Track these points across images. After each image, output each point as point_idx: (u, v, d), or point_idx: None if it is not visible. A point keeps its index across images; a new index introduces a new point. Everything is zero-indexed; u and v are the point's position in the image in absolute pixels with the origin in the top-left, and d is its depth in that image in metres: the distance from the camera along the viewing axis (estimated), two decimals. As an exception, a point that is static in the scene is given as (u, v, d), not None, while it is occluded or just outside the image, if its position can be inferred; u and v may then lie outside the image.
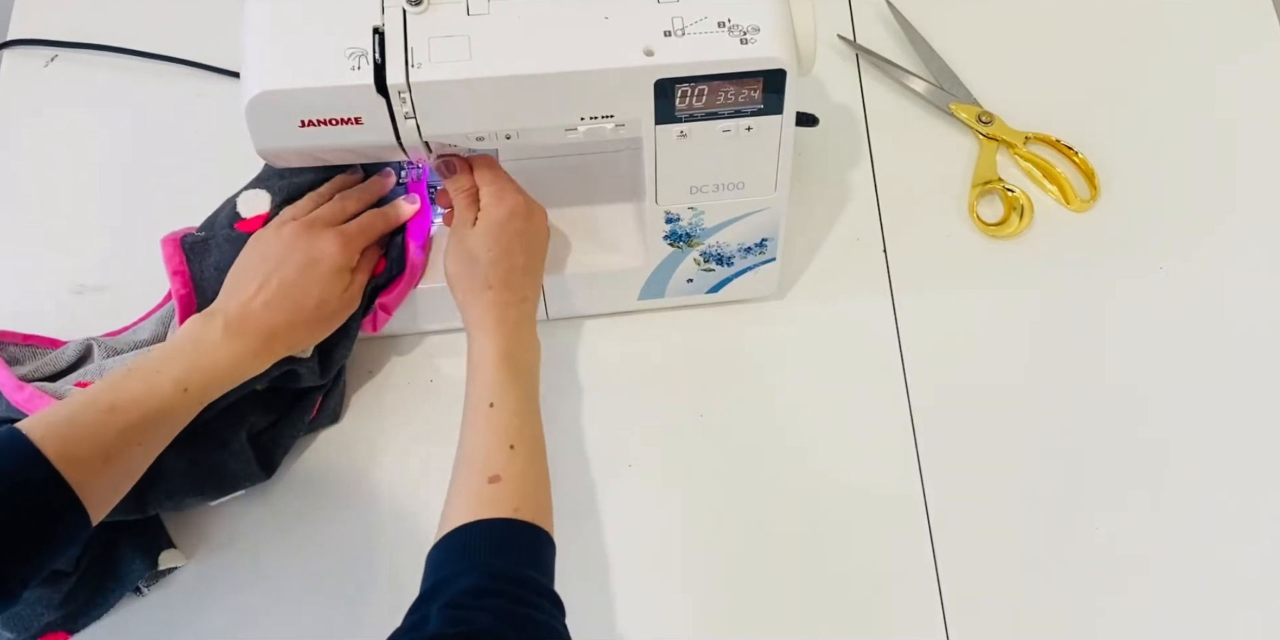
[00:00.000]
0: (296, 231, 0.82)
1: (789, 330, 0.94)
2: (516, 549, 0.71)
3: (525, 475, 0.74)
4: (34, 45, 1.06)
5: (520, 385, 0.78)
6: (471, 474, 0.74)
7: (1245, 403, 0.91)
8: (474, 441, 0.75)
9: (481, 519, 0.71)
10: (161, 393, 0.74)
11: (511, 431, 0.76)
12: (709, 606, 0.85)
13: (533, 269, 0.83)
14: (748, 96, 0.76)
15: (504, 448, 0.75)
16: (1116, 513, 0.87)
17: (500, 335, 0.79)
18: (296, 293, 0.79)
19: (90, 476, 0.69)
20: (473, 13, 0.73)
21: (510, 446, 0.75)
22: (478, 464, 0.74)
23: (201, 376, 0.76)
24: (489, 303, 0.80)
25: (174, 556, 0.84)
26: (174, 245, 0.85)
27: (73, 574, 0.81)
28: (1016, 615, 0.84)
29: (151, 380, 0.74)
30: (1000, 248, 0.97)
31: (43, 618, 0.80)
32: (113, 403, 0.72)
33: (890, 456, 0.89)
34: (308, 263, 0.80)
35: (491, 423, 0.76)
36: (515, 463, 0.74)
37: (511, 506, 0.72)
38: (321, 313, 0.81)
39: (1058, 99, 1.03)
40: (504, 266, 0.81)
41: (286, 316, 0.79)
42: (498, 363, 0.78)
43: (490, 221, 0.81)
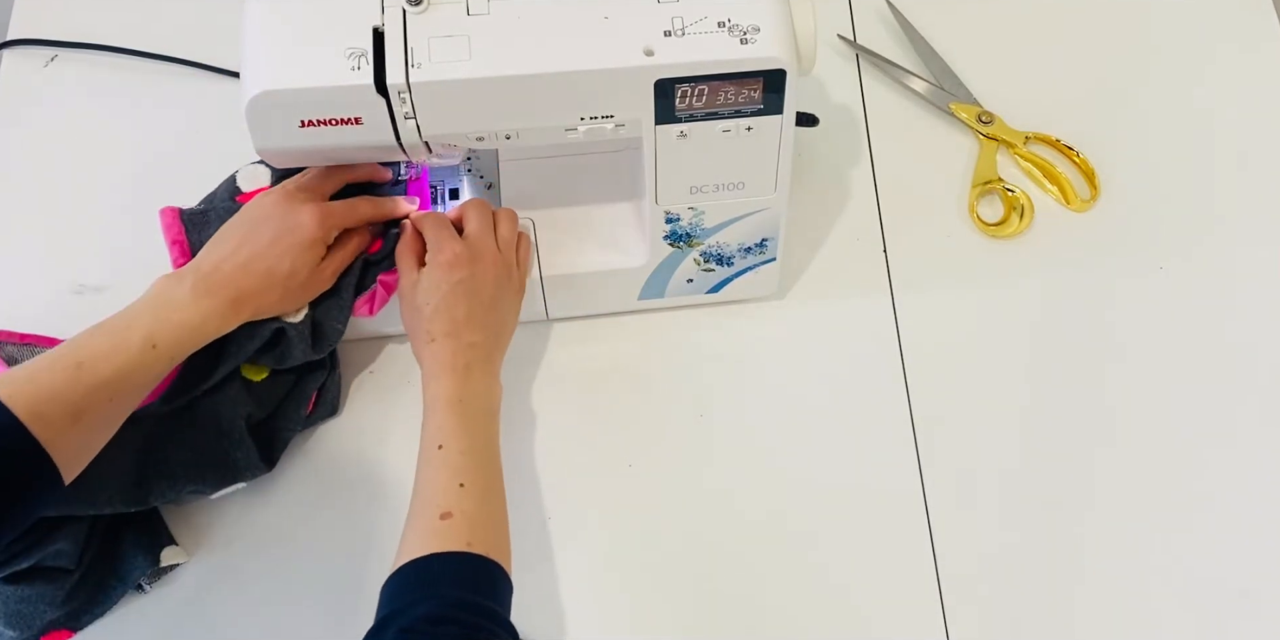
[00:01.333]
0: (278, 199, 0.82)
1: (789, 330, 0.94)
2: (472, 581, 0.71)
3: (478, 512, 0.74)
4: (34, 45, 1.06)
5: (470, 428, 0.78)
6: (424, 512, 0.74)
7: (1245, 403, 0.91)
8: (425, 483, 0.75)
9: (435, 552, 0.71)
10: (129, 349, 0.74)
11: (461, 471, 0.75)
12: (709, 606, 0.85)
13: (477, 316, 0.82)
14: (748, 96, 0.76)
15: (454, 486, 0.74)
16: (1116, 512, 0.87)
17: (448, 382, 0.79)
18: (269, 259, 0.79)
19: (60, 434, 0.70)
20: (473, 13, 0.73)
21: (460, 485, 0.74)
22: (429, 503, 0.74)
23: (170, 333, 0.76)
24: (433, 353, 0.80)
25: (176, 553, 0.84)
26: (173, 215, 0.86)
27: (75, 571, 0.81)
28: (1016, 615, 0.84)
29: (119, 337, 0.74)
30: (1000, 248, 0.97)
31: (45, 615, 0.80)
32: (80, 360, 0.72)
33: (890, 456, 0.89)
34: (283, 231, 0.80)
35: (441, 463, 0.76)
36: (466, 500, 0.74)
37: (464, 541, 0.72)
38: (292, 283, 0.81)
39: (1058, 99, 1.03)
40: (445, 318, 0.81)
41: (256, 281, 0.79)
42: (446, 408, 0.78)
43: (429, 275, 0.82)
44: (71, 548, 0.80)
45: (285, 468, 0.88)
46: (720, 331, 0.94)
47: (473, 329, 0.81)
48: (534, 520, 0.87)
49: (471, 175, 0.92)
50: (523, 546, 0.86)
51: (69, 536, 0.80)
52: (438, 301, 0.81)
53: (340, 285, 0.85)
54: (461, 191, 0.91)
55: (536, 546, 0.86)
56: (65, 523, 0.80)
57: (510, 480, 0.88)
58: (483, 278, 0.82)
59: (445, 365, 0.79)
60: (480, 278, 0.82)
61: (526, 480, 0.88)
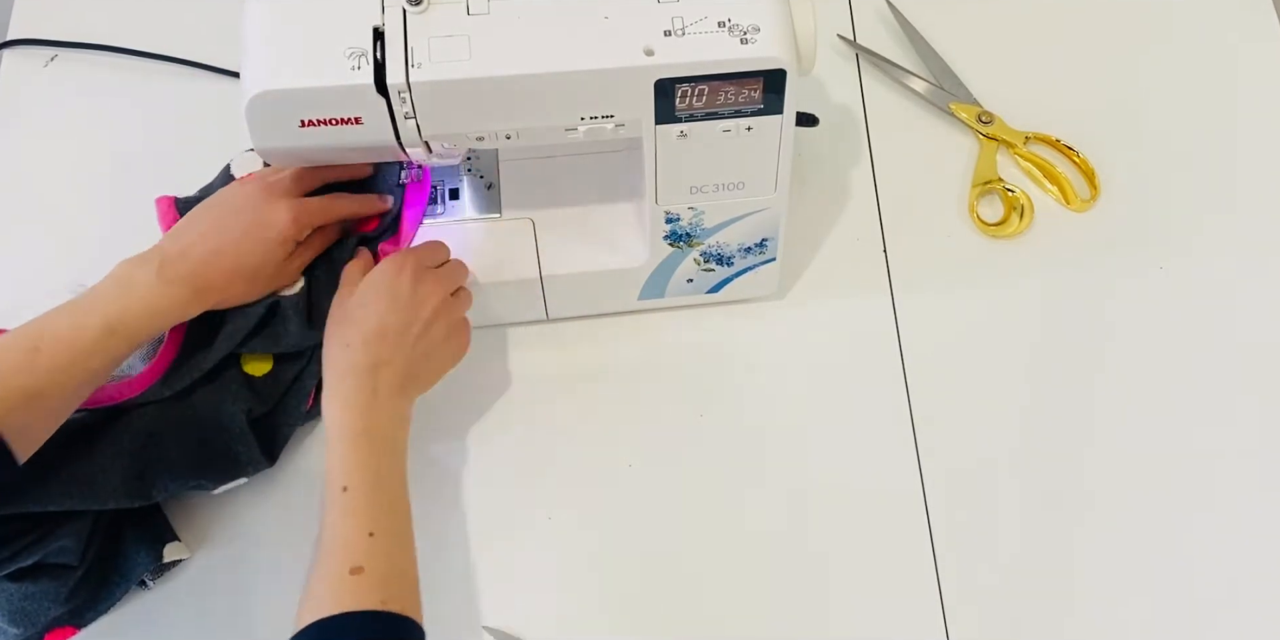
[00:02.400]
0: (255, 192, 0.81)
1: (789, 330, 0.94)
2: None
3: (390, 564, 0.71)
4: (34, 45, 1.06)
5: (376, 465, 0.74)
6: (332, 563, 0.70)
7: (1246, 402, 0.91)
8: (331, 529, 0.71)
9: (347, 612, 0.67)
10: (88, 333, 0.73)
11: (369, 518, 0.71)
12: (709, 606, 0.85)
13: (405, 338, 0.77)
14: (748, 96, 0.76)
15: (363, 536, 0.71)
16: (1116, 513, 0.87)
17: (355, 407, 0.74)
18: (238, 252, 0.79)
19: (14, 416, 0.69)
20: (473, 13, 0.73)
21: (370, 534, 0.71)
22: (337, 553, 0.70)
23: (131, 318, 0.75)
24: (346, 366, 0.76)
25: (178, 549, 0.84)
26: (168, 204, 0.87)
27: (78, 568, 0.81)
28: (1016, 615, 0.84)
29: (78, 320, 0.74)
30: (1000, 248, 0.97)
31: (49, 612, 0.80)
32: (37, 344, 0.72)
33: (890, 456, 0.89)
34: (255, 225, 0.80)
35: (347, 509, 0.71)
36: (376, 551, 0.70)
37: (378, 598, 0.68)
38: (259, 275, 0.80)
39: (1058, 99, 1.03)
40: (373, 323, 0.77)
41: (222, 273, 0.78)
42: (352, 440, 0.74)
43: (375, 274, 0.79)
44: (75, 544, 0.80)
45: (286, 463, 0.88)
46: (720, 331, 0.94)
47: (394, 348, 0.77)
48: (534, 520, 0.87)
49: (471, 175, 0.92)
50: (522, 546, 0.86)
51: (72, 533, 0.80)
52: (373, 304, 0.78)
53: (334, 258, 0.85)
54: (461, 191, 0.91)
55: (536, 546, 0.86)
56: (68, 519, 0.80)
57: (510, 480, 0.88)
58: (424, 301, 0.79)
59: (355, 387, 0.75)
60: (421, 300, 0.79)
61: (526, 480, 0.88)
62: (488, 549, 0.85)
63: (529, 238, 0.89)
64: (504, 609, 0.84)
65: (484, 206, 0.90)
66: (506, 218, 0.90)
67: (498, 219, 0.90)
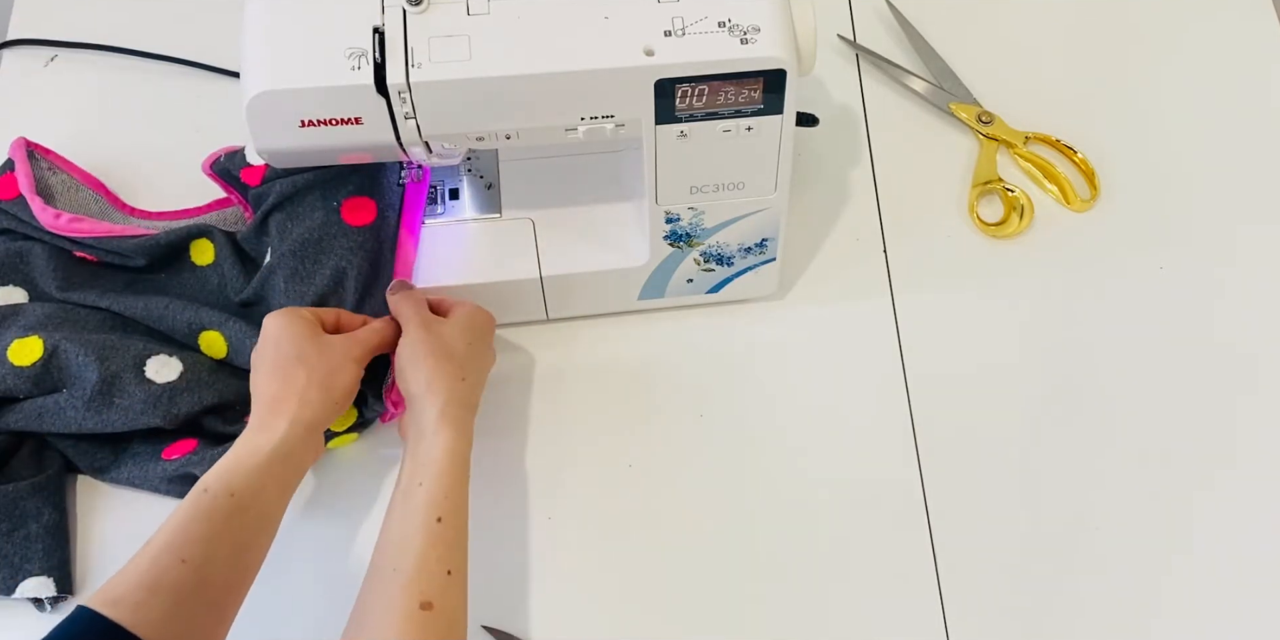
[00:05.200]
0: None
1: (789, 330, 0.94)
2: None
3: (457, 606, 0.72)
4: (34, 45, 1.06)
5: (466, 493, 0.76)
6: (402, 592, 0.70)
7: (1245, 402, 0.91)
8: (409, 554, 0.72)
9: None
10: (184, 502, 0.72)
11: (453, 555, 0.73)
12: (709, 606, 0.85)
13: (485, 378, 0.85)
14: (748, 96, 0.76)
15: (443, 572, 0.71)
16: (1116, 513, 0.87)
17: (464, 433, 0.77)
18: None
19: (142, 613, 0.67)
20: (473, 13, 0.73)
21: (449, 572, 0.72)
22: (412, 582, 0.70)
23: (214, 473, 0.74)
24: (462, 396, 0.79)
25: (40, 586, 0.82)
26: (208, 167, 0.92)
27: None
28: (1016, 615, 0.84)
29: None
30: (1000, 248, 0.97)
31: None
32: (181, 556, 0.70)
33: (890, 456, 0.89)
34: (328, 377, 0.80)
35: (436, 541, 0.72)
36: (451, 592, 0.71)
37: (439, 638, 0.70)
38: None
39: (1058, 99, 1.03)
40: (477, 360, 0.83)
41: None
42: (458, 467, 0.76)
43: (467, 314, 0.84)
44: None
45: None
46: (720, 331, 0.94)
47: (483, 378, 0.84)
48: (534, 519, 0.87)
49: (471, 175, 0.92)
50: (522, 546, 0.86)
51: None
52: (474, 341, 0.83)
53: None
54: (461, 191, 0.91)
55: (536, 546, 0.86)
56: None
57: (510, 480, 0.88)
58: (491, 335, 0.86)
59: (469, 412, 0.79)
60: (491, 335, 0.86)
61: (527, 480, 0.88)
62: (488, 549, 0.85)
63: (529, 238, 0.89)
64: (504, 609, 0.84)
65: (484, 206, 0.90)
66: (506, 218, 0.90)
67: (498, 219, 0.90)
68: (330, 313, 0.84)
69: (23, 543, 0.83)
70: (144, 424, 0.84)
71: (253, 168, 0.90)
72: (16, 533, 0.83)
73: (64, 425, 0.84)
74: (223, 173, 0.91)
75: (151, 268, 0.92)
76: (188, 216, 0.95)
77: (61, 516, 0.85)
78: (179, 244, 0.91)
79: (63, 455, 0.87)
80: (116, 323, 0.89)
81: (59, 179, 0.94)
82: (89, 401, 0.84)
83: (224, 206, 0.94)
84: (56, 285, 0.90)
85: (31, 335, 0.85)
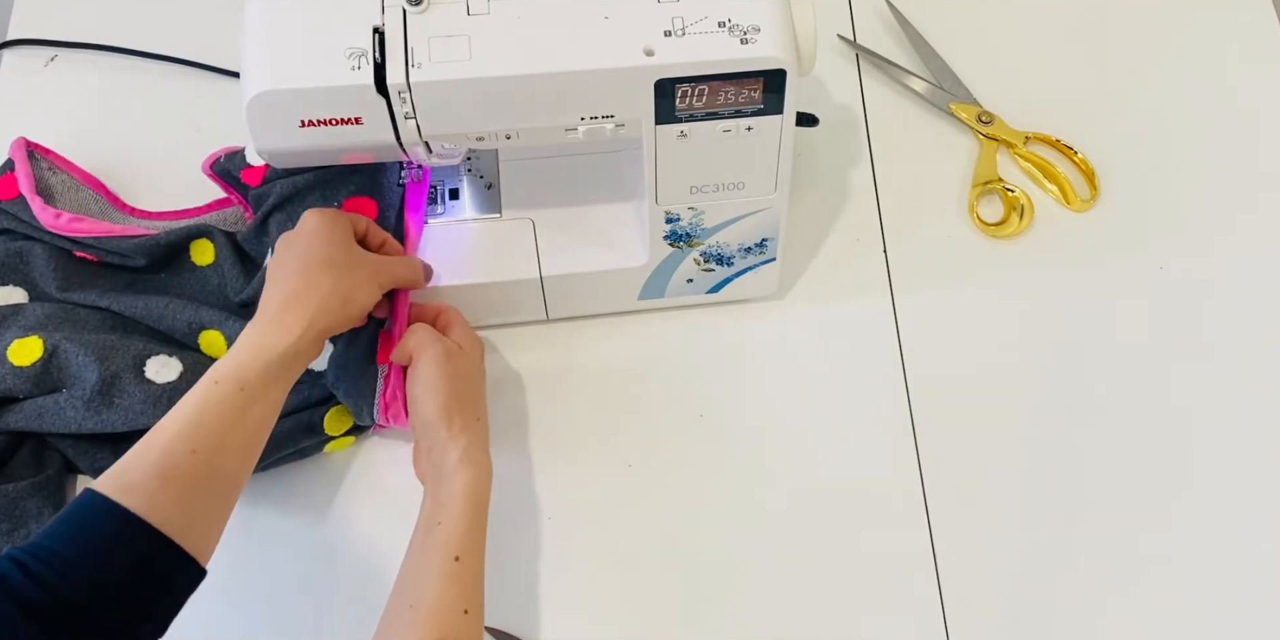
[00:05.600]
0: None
1: (789, 330, 0.94)
2: None
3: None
4: (34, 45, 1.06)
5: (484, 533, 0.76)
6: (418, 629, 0.70)
7: (1246, 403, 0.91)
8: (427, 592, 0.72)
9: None
10: (194, 391, 0.73)
11: (469, 594, 0.73)
12: (709, 606, 0.85)
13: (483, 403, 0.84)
14: (748, 96, 0.76)
15: (459, 611, 0.72)
16: (1117, 512, 0.87)
17: (484, 472, 0.77)
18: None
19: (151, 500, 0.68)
20: (473, 13, 0.73)
21: (465, 611, 0.72)
22: (428, 620, 0.71)
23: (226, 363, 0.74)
24: (479, 436, 0.79)
25: None
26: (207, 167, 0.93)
27: None
28: (1016, 615, 0.84)
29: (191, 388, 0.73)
30: (1000, 248, 0.97)
31: None
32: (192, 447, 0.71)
33: (890, 456, 0.89)
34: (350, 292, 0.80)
35: (453, 580, 0.73)
36: (466, 629, 0.72)
37: None
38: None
39: (1058, 99, 1.03)
40: (482, 395, 0.83)
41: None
42: (477, 507, 0.76)
43: (473, 345, 0.84)
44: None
45: (286, 471, 0.88)
46: (720, 331, 0.94)
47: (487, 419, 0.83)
48: (534, 520, 0.87)
49: (471, 175, 0.92)
50: (522, 546, 0.86)
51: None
52: (481, 376, 0.83)
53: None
54: (461, 191, 0.91)
55: (536, 546, 0.86)
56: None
57: (510, 480, 0.88)
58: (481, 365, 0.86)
59: (485, 449, 0.79)
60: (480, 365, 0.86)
61: (526, 480, 0.88)
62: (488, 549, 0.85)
63: (529, 238, 0.89)
64: (504, 609, 0.84)
65: (484, 206, 0.90)
66: (506, 218, 0.90)
67: (498, 219, 0.90)
68: (362, 221, 0.84)
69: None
70: (144, 424, 0.84)
71: (253, 168, 0.90)
72: (16, 533, 0.83)
73: (64, 425, 0.84)
74: (223, 173, 0.91)
75: (152, 268, 0.92)
76: (188, 216, 0.95)
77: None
78: (179, 244, 0.91)
79: (63, 455, 0.87)
80: (116, 323, 0.89)
81: (59, 179, 0.94)
82: (89, 401, 0.84)
83: (224, 206, 0.94)
84: (56, 285, 0.90)
85: (31, 335, 0.85)
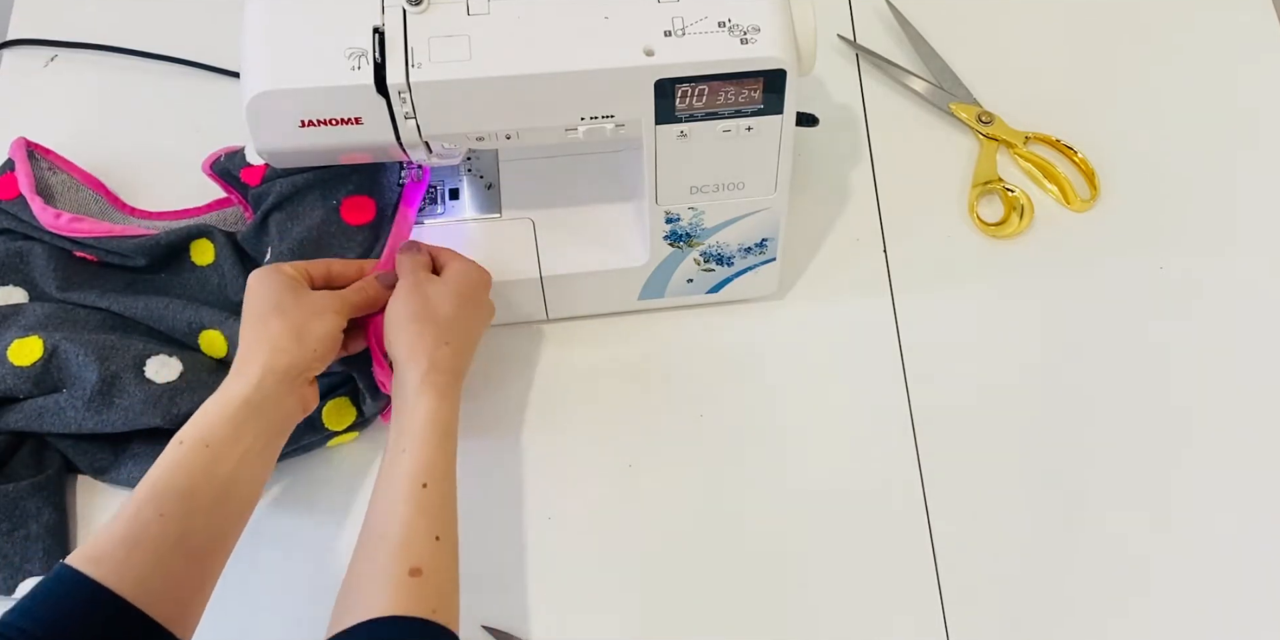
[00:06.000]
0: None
1: (789, 330, 0.94)
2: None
3: (447, 571, 0.71)
4: (34, 45, 1.06)
5: (451, 459, 0.75)
6: (391, 559, 0.69)
7: (1246, 403, 0.91)
8: (396, 521, 0.70)
9: (398, 615, 0.66)
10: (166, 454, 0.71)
11: (440, 520, 0.72)
12: (709, 606, 0.85)
13: (477, 338, 0.82)
14: (748, 96, 0.76)
15: (430, 538, 0.70)
16: (1117, 513, 0.87)
17: (448, 399, 0.76)
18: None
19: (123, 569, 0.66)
20: (473, 13, 0.73)
21: (436, 538, 0.71)
22: (399, 550, 0.69)
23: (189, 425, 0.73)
24: (443, 361, 0.77)
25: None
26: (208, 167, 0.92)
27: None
28: (1016, 615, 0.84)
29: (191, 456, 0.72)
30: (1000, 248, 0.97)
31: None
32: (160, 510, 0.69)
33: (890, 456, 0.89)
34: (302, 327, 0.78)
35: (421, 507, 0.71)
36: (439, 556, 0.70)
37: (430, 607, 0.68)
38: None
39: (1058, 99, 1.03)
40: (463, 325, 0.80)
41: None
42: (441, 433, 0.74)
43: (458, 274, 0.81)
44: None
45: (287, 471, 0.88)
46: (720, 331, 0.94)
47: (471, 348, 0.81)
48: (534, 520, 0.87)
49: (471, 175, 0.92)
50: (522, 546, 0.86)
51: None
52: (463, 305, 0.80)
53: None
54: (461, 191, 0.91)
55: (536, 546, 0.86)
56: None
57: (511, 480, 0.88)
58: (488, 305, 0.84)
59: (449, 381, 0.77)
60: (487, 304, 0.84)
61: (526, 480, 0.88)
62: (488, 549, 0.85)
63: (529, 238, 0.89)
64: (504, 609, 0.84)
65: (484, 206, 0.90)
66: (506, 218, 0.90)
67: (498, 219, 0.90)
68: (320, 266, 0.82)
69: (23, 543, 0.83)
70: (144, 424, 0.84)
71: (252, 167, 0.90)
72: (16, 533, 0.83)
73: (64, 425, 0.84)
74: (222, 173, 0.91)
75: (152, 268, 0.92)
76: (188, 216, 0.95)
77: (61, 516, 0.85)
78: (179, 244, 0.91)
79: (63, 455, 0.87)
80: (116, 323, 0.89)
81: (59, 179, 0.94)
82: (89, 401, 0.84)
83: (224, 206, 0.94)
84: (56, 285, 0.90)
85: (31, 335, 0.85)
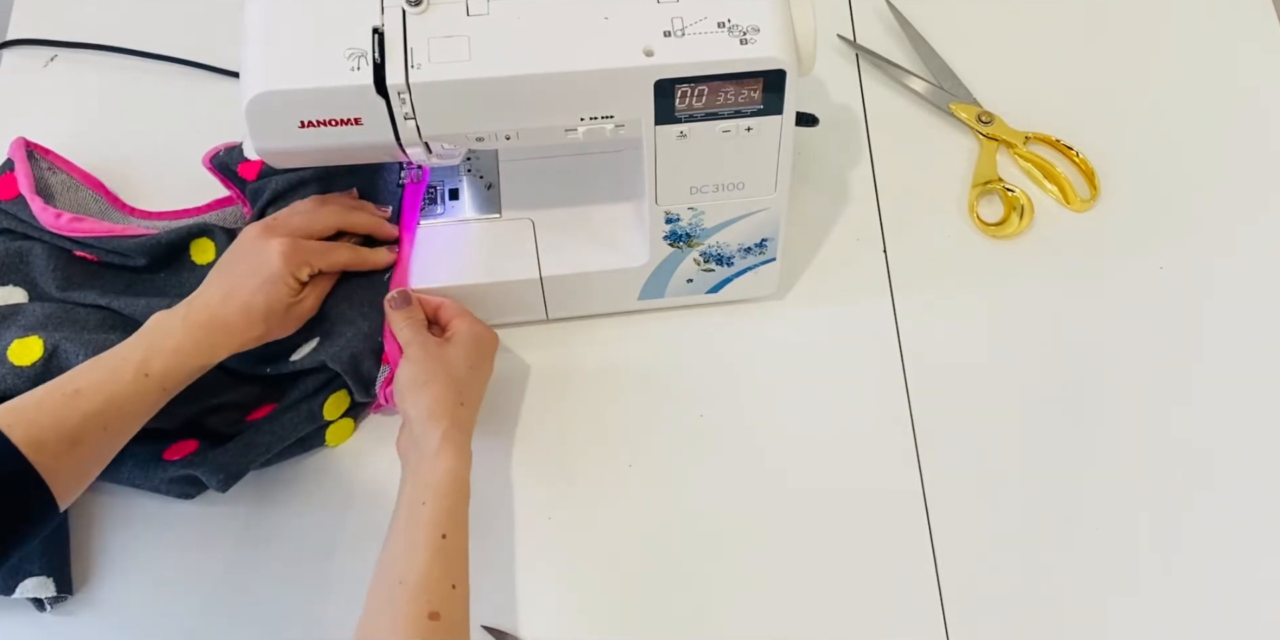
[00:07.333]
0: (254, 232, 0.83)
1: (789, 330, 0.94)
2: None
3: (463, 617, 0.74)
4: (34, 45, 1.06)
5: (466, 512, 0.77)
6: (410, 602, 0.72)
7: (1246, 402, 0.91)
8: (416, 568, 0.73)
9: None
10: (123, 377, 0.76)
11: (458, 568, 0.75)
12: (709, 606, 0.85)
13: (483, 394, 0.86)
14: (748, 96, 0.76)
15: (448, 586, 0.74)
16: (1116, 512, 0.87)
17: (465, 455, 0.79)
18: (245, 293, 0.81)
19: (56, 460, 0.72)
20: (473, 13, 0.73)
21: (453, 586, 0.74)
22: (419, 595, 0.72)
23: (161, 362, 0.77)
24: (462, 419, 0.81)
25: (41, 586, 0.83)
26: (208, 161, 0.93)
27: None
28: (1016, 615, 0.84)
29: (114, 366, 0.77)
30: (1000, 248, 0.97)
31: None
32: (78, 388, 0.75)
33: (890, 456, 0.89)
34: (254, 266, 0.81)
35: (441, 555, 0.74)
36: (456, 604, 0.74)
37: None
38: (271, 315, 0.81)
39: (1058, 99, 1.03)
40: (477, 385, 0.84)
41: (236, 315, 0.80)
42: (460, 488, 0.77)
43: (470, 338, 0.84)
44: None
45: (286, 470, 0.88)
46: (720, 331, 0.94)
47: (479, 401, 0.85)
48: (534, 519, 0.87)
49: (471, 175, 0.92)
50: (522, 546, 0.86)
51: None
52: (475, 363, 0.83)
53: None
54: (461, 191, 0.91)
55: (536, 546, 0.86)
56: None
57: (511, 479, 0.88)
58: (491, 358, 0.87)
59: (466, 436, 0.80)
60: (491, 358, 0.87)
61: (526, 480, 0.88)
62: (488, 549, 0.85)
63: (529, 238, 0.89)
64: (504, 609, 0.84)
65: (484, 206, 0.90)
66: (506, 218, 0.90)
67: (498, 219, 0.90)
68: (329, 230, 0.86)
69: None
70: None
71: (250, 162, 0.90)
72: None
73: None
74: (221, 167, 0.91)
75: (152, 267, 0.92)
76: (188, 216, 0.95)
77: (62, 517, 0.85)
78: (179, 243, 0.91)
79: None
80: (117, 323, 0.89)
81: (59, 179, 0.94)
82: None
83: (224, 205, 0.94)
84: (57, 285, 0.90)
85: (31, 335, 0.85)
